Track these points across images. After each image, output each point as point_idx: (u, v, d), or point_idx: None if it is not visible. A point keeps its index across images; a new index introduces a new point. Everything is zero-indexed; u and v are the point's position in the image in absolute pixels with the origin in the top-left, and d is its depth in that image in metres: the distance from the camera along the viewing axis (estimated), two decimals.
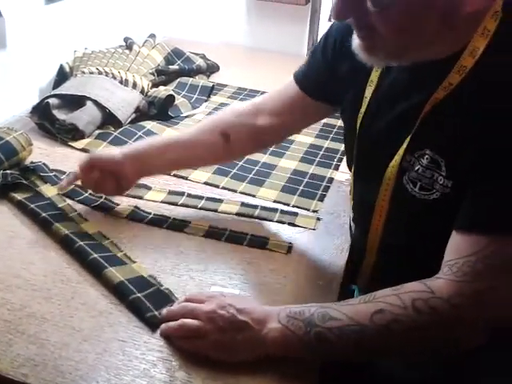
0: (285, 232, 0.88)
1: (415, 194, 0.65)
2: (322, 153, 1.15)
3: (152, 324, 0.66)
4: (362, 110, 0.71)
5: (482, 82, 0.58)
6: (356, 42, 0.61)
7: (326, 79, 0.79)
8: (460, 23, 0.56)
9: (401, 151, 0.65)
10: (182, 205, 0.93)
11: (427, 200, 0.63)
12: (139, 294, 0.70)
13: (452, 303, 0.57)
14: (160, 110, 1.23)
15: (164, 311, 0.67)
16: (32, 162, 0.99)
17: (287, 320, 0.61)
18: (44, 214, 0.83)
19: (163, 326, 0.66)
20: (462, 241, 0.59)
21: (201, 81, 1.42)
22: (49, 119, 1.11)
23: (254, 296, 0.74)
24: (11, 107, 1.21)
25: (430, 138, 0.63)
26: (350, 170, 0.80)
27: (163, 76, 1.39)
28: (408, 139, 0.64)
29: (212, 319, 0.62)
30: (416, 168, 0.64)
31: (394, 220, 0.70)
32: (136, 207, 0.90)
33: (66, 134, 1.10)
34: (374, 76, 0.70)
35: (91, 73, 1.23)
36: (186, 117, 1.27)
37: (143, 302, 0.69)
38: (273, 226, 0.89)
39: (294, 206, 0.95)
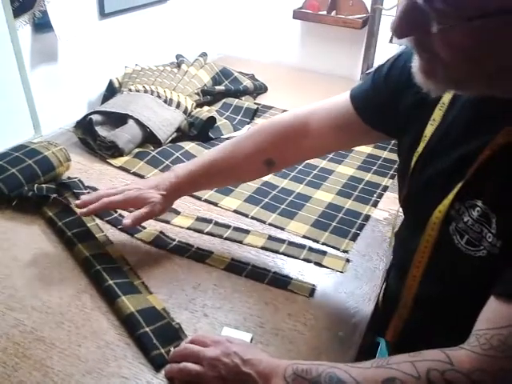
0: (310, 272, 0.84)
1: (461, 247, 0.58)
2: (361, 186, 1.09)
3: (156, 363, 0.64)
4: (419, 149, 0.65)
5: None
6: (416, 62, 0.53)
7: (385, 108, 0.71)
8: None
9: (450, 196, 0.58)
10: (208, 233, 0.91)
11: (472, 256, 0.57)
12: (147, 329, 0.68)
13: (472, 379, 0.50)
14: (200, 131, 1.22)
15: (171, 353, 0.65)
16: (69, 178, 1.01)
17: (293, 378, 0.57)
18: (69, 233, 0.84)
19: (167, 366, 0.63)
20: (497, 309, 0.52)
21: (246, 102, 1.40)
22: (91, 135, 1.13)
23: (268, 342, 0.70)
24: (61, 120, 1.25)
25: (483, 189, 0.55)
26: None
27: (208, 96, 1.39)
28: (459, 185, 0.57)
29: (214, 366, 0.59)
30: (465, 219, 0.57)
31: (434, 270, 0.64)
32: (161, 233, 0.89)
33: (106, 151, 1.11)
34: (437, 114, 0.63)
35: (137, 91, 1.25)
36: (227, 139, 1.25)
37: (150, 338, 0.67)
38: (298, 265, 0.85)
39: (323, 244, 0.91)
